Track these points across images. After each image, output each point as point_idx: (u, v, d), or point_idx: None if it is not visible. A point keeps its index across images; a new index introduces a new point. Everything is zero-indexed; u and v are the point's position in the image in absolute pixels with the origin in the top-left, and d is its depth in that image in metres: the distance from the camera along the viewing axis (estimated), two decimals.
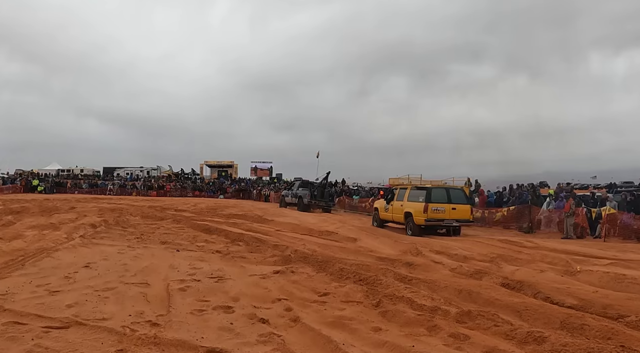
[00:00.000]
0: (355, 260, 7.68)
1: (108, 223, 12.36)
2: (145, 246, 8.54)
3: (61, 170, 54.30)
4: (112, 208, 17.97)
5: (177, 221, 13.58)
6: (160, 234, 10.38)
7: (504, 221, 17.25)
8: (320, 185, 23.93)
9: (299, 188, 24.33)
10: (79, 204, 20.30)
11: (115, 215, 14.86)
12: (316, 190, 23.26)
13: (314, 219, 15.86)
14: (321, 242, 9.90)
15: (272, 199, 37.24)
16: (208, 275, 5.83)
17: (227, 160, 59.37)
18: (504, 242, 10.57)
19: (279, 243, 9.34)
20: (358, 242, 10.22)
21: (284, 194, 26.57)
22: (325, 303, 4.80)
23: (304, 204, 22.53)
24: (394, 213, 14.50)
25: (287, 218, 15.15)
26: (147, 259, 7.06)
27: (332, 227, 13.04)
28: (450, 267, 7.52)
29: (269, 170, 59.68)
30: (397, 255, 8.55)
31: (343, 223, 14.63)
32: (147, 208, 19.74)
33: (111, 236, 9.79)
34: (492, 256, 8.69)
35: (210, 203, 26.35)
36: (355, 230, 12.56)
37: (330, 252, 8.59)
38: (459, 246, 9.62)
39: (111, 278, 5.51)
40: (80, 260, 6.63)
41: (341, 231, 11.98)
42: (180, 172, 54.77)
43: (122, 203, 23.47)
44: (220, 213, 17.93)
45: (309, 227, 12.79)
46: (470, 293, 5.56)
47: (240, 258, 7.48)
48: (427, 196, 13.12)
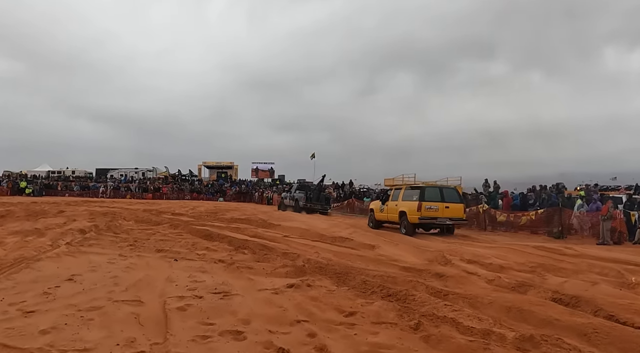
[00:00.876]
0: (378, 271, 7.07)
1: (98, 229, 11.81)
2: (139, 255, 7.96)
3: (51, 171, 54.08)
4: (104, 212, 17.46)
5: (175, 226, 13.01)
6: (156, 241, 9.80)
7: (531, 225, 16.60)
8: (316, 188, 25.07)
9: (297, 190, 25.35)
10: (69, 208, 19.81)
11: (107, 220, 14.33)
12: (312, 193, 24.13)
13: (324, 224, 15.25)
14: (336, 250, 9.30)
15: (275, 202, 37.06)
16: (211, 290, 5.24)
17: (227, 161, 59.16)
18: (540, 248, 9.93)
19: (289, 251, 8.75)
20: (377, 250, 9.61)
21: (283, 196, 27.41)
22: (354, 325, 4.19)
23: (299, 207, 23.33)
24: (389, 213, 15.33)
25: (294, 223, 14.55)
26: (141, 270, 6.48)
27: (345, 233, 12.43)
28: (487, 278, 6.91)
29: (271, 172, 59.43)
30: (424, 265, 7.94)
31: (356, 229, 14.02)
32: (141, 212, 19.23)
33: (101, 243, 9.22)
34: (531, 265, 8.06)
35: (210, 206, 25.83)
36: (372, 235, 11.96)
37: (348, 262, 7.99)
38: (491, 254, 9.00)
39: (98, 294, 4.93)
40: (64, 272, 6.05)
41: (356, 237, 11.38)
42: (178, 174, 54.49)
43: (115, 206, 22.99)
44: (221, 217, 17.37)
45: (319, 232, 12.19)
46: (521, 311, 4.95)
47: (247, 269, 6.88)
48: (421, 195, 13.94)
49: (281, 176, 57.76)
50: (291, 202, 24.83)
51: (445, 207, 13.94)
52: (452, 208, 14.07)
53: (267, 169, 60.36)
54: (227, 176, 57.55)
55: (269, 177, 58.04)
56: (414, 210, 13.80)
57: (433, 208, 13.80)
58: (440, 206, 13.90)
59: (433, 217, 13.84)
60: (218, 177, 57.40)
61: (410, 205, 14.06)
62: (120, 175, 53.12)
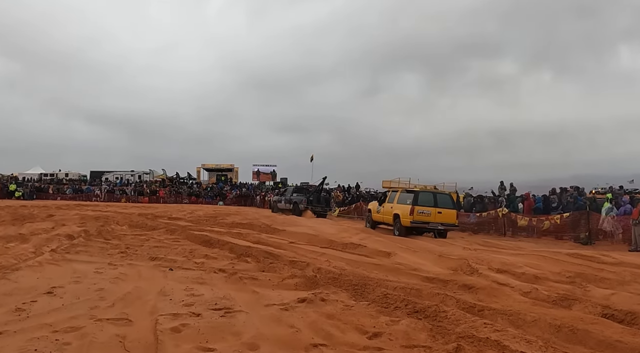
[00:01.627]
0: (399, 282, 6.54)
1: (88, 234, 11.32)
2: (130, 263, 7.45)
3: (44, 174, 53.84)
4: (96, 217, 16.99)
5: (171, 231, 12.51)
6: (150, 248, 9.30)
7: (554, 230, 16.02)
8: (316, 190, 25.71)
9: (293, 193, 25.70)
10: (59, 212, 19.36)
11: (98, 225, 13.86)
12: (312, 196, 24.66)
13: (331, 229, 14.73)
14: (348, 258, 8.76)
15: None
16: (211, 306, 4.71)
17: (227, 164, 58.80)
18: (574, 256, 9.36)
19: (297, 259, 8.23)
20: (393, 257, 9.07)
21: (275, 200, 27.93)
22: (382, 350, 3.65)
23: (299, 210, 23.68)
24: (384, 215, 16.24)
25: (300, 228, 14.03)
26: (132, 281, 5.96)
27: (355, 239, 11.91)
28: (522, 290, 6.36)
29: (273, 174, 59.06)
30: (449, 275, 7.40)
31: (367, 234, 13.50)
32: (136, 216, 18.76)
33: (90, 250, 8.72)
34: (568, 275, 7.51)
35: (209, 210, 25.36)
36: (386, 242, 11.42)
37: (364, 271, 7.46)
38: (521, 262, 8.43)
39: (79, 310, 4.41)
40: (43, 283, 5.54)
41: (368, 243, 10.84)
42: (175, 176, 54.11)
43: (109, 210, 22.55)
44: (221, 221, 16.87)
45: (328, 238, 11.67)
46: (573, 330, 4.40)
47: (251, 280, 6.35)
48: (415, 199, 14.75)
49: (283, 179, 57.38)
50: (287, 205, 25.12)
51: (437, 212, 14.64)
52: (444, 213, 14.76)
53: (269, 171, 60.00)
54: (227, 179, 57.16)
55: (270, 180, 57.63)
56: (406, 214, 14.59)
57: (425, 213, 14.55)
58: (432, 211, 14.61)
59: (425, 221, 14.52)
60: (218, 180, 57.04)
61: (403, 208, 14.89)
62: (116, 178, 52.78)
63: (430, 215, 14.54)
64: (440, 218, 14.64)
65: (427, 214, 14.52)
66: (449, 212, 14.91)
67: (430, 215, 14.54)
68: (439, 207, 14.75)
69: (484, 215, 18.68)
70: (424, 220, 14.47)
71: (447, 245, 11.91)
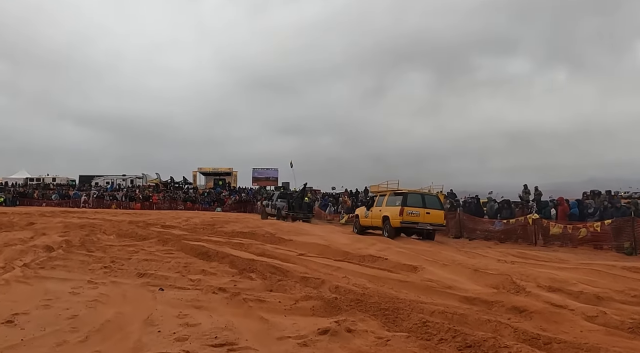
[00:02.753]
0: (436, 305, 5.77)
1: (70, 245, 10.63)
2: (114, 281, 6.72)
3: (30, 179, 53.48)
4: (81, 225, 16.32)
5: (164, 242, 11.78)
6: (139, 261, 8.55)
7: (593, 239, 15.18)
8: (298, 196, 27.45)
9: (277, 199, 27.43)
10: (42, 219, 18.72)
11: (82, 234, 13.17)
12: (294, 201, 26.31)
13: (344, 238, 13.96)
14: (369, 273, 8.00)
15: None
16: (210, 340, 3.95)
17: (225, 167, 58.28)
18: (632, 270, 8.56)
19: (309, 275, 7.47)
20: (421, 272, 8.29)
21: (264, 204, 29.48)
22: None
23: (281, 215, 25.46)
24: (373, 218, 17.21)
25: (309, 238, 13.27)
26: (113, 305, 5.22)
27: (373, 250, 11.14)
28: (586, 314, 5.56)
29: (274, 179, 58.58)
30: (491, 294, 6.61)
31: (384, 244, 12.71)
32: (126, 224, 18.09)
33: (69, 264, 7.98)
34: (634, 294, 6.70)
35: (206, 217, 24.65)
36: (409, 253, 10.63)
37: (390, 290, 6.69)
38: (573, 278, 7.63)
39: (41, 348, 3.66)
40: (4, 308, 4.81)
41: (389, 255, 10.07)
42: (170, 181, 53.67)
43: (97, 217, 21.91)
44: (220, 230, 16.13)
45: (342, 249, 10.90)
46: None
47: (258, 302, 5.58)
48: (404, 200, 15.88)
49: (285, 183, 56.87)
50: (273, 210, 26.85)
51: (426, 213, 15.82)
52: (433, 214, 15.98)
53: (271, 176, 59.58)
54: (225, 183, 56.62)
55: (272, 185, 57.10)
56: (396, 215, 15.67)
57: (414, 214, 15.68)
58: (421, 212, 15.76)
59: (414, 221, 15.64)
60: (215, 184, 56.55)
61: (393, 210, 15.97)
62: (106, 183, 52.40)
63: (419, 215, 15.69)
64: (428, 219, 15.82)
65: (416, 215, 15.67)
66: (437, 213, 16.17)
67: (419, 215, 15.69)
68: (428, 208, 15.94)
69: (511, 222, 17.86)
70: (413, 220, 15.60)
71: (478, 257, 11.11)
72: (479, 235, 18.73)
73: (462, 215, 19.80)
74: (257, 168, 59.51)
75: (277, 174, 58.93)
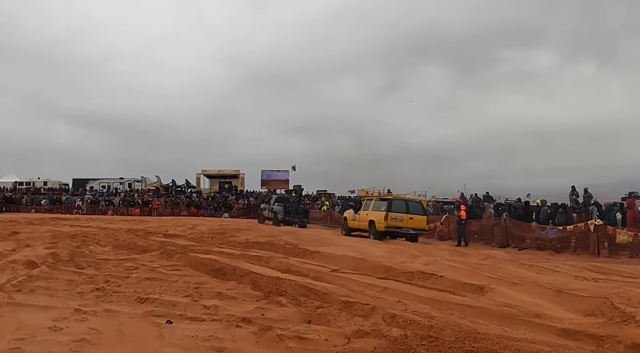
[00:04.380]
0: (532, 342, 4.75)
1: (57, 260, 9.66)
2: (108, 309, 5.71)
3: (19, 182, 53.25)
4: (72, 234, 15.35)
5: (168, 254, 10.79)
6: (139, 281, 7.55)
7: None
8: (294, 200, 29.85)
9: (275, 203, 29.02)
10: (28, 228, 17.85)
11: (73, 245, 12.24)
12: (290, 206, 28.09)
13: (378, 249, 12.88)
14: (426, 295, 6.92)
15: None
16: None
17: (231, 169, 57.69)
18: None
19: (354, 300, 6.41)
20: (490, 293, 7.19)
21: (262, 208, 31.54)
22: None
23: (278, 220, 27.11)
24: (360, 221, 19.85)
25: (338, 249, 12.24)
26: (106, 347, 4.21)
27: (419, 264, 10.09)
28: None
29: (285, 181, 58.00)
30: (595, 325, 5.51)
31: (430, 257, 11.66)
32: (124, 232, 17.16)
33: (52, 286, 7.00)
34: None
35: (213, 224, 23.70)
36: (465, 269, 9.52)
37: (464, 320, 5.60)
38: None
39: None
40: None
41: (442, 270, 8.97)
42: (171, 185, 53.14)
43: (91, 225, 21.03)
44: (232, 240, 15.13)
45: (382, 263, 9.83)
46: None
47: (298, 341, 4.55)
48: (389, 206, 18.35)
49: (297, 186, 56.21)
50: (270, 214, 28.55)
51: (409, 218, 18.23)
52: (415, 219, 18.40)
53: (282, 178, 59.06)
54: (231, 187, 55.97)
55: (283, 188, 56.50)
56: (381, 219, 18.12)
57: (398, 219, 18.08)
58: (405, 217, 18.18)
59: (398, 226, 18.09)
60: (221, 188, 56.02)
61: (378, 214, 18.42)
62: (102, 187, 52.05)
63: (402, 220, 18.12)
64: (411, 224, 18.27)
65: (400, 220, 18.11)
66: (420, 218, 18.68)
67: (403, 220, 18.12)
68: (411, 213, 18.38)
69: (568, 229, 16.69)
70: (397, 225, 18.07)
71: (547, 272, 9.97)
72: (528, 244, 17.64)
73: (508, 221, 18.66)
74: (265, 170, 59.06)
75: (288, 176, 58.41)
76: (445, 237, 21.76)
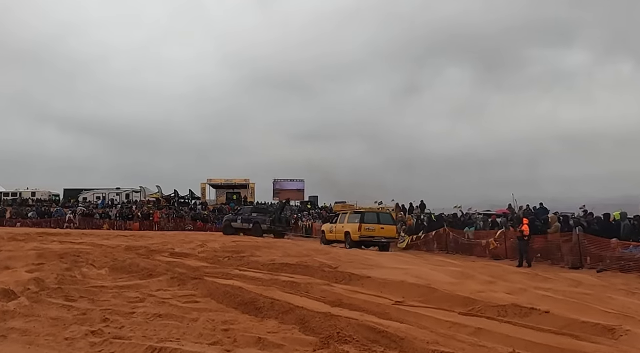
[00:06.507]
0: None
1: (42, 287, 8.54)
2: None
3: (4, 193, 52.69)
4: (62, 253, 14.39)
5: (180, 280, 9.56)
6: (147, 319, 6.31)
7: None
8: (277, 210, 33.42)
9: (253, 213, 31.90)
10: (10, 245, 16.91)
11: (62, 268, 11.23)
12: (275, 216, 31.07)
13: (439, 271, 11.49)
14: (542, 341, 5.60)
15: (315, 232, 34.97)
16: None
17: (239, 178, 56.73)
18: None
19: (447, 349, 5.13)
20: (628, 339, 5.80)
21: (230, 219, 32.95)
22: None
23: (262, 230, 29.64)
24: (336, 233, 23.47)
25: (388, 272, 10.92)
26: None
27: (502, 292, 8.78)
28: None
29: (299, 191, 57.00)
30: None
31: (513, 283, 10.32)
32: (122, 251, 16.15)
33: (32, 328, 5.78)
34: None
35: (226, 240, 22.52)
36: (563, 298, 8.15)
37: None
38: None
39: None
40: None
41: (536, 301, 7.63)
42: (173, 195, 52.14)
43: (84, 242, 20.09)
44: (253, 260, 13.85)
45: (456, 293, 8.48)
46: None
47: None
48: (362, 218, 22.11)
49: (313, 198, 55.10)
50: (245, 225, 30.47)
51: (380, 228, 21.98)
52: (386, 229, 22.25)
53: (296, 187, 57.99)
54: (240, 198, 54.93)
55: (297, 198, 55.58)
56: (355, 230, 21.68)
57: (371, 229, 21.68)
58: (376, 227, 21.87)
59: (371, 235, 21.72)
60: (228, 199, 54.91)
61: (353, 226, 22.01)
62: (97, 198, 51.31)
63: (374, 230, 21.76)
64: (383, 233, 21.97)
65: (372, 230, 21.71)
66: (390, 227, 22.71)
67: (375, 230, 21.77)
68: (382, 224, 22.20)
69: None
70: (370, 235, 21.68)
71: None
72: (608, 264, 16.13)
73: (583, 237, 17.14)
74: (278, 179, 58.01)
75: (303, 185, 57.34)
76: (500, 255, 20.34)
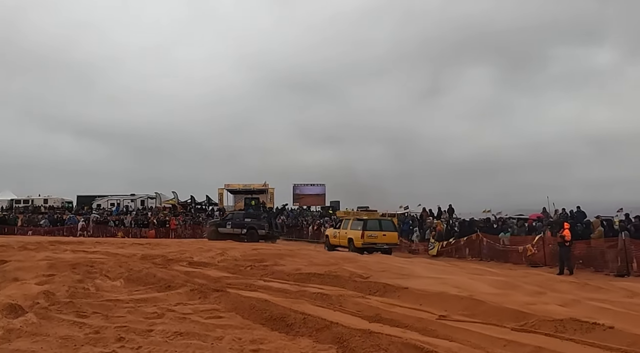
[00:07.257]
0: None
1: (52, 301, 8.15)
2: None
3: (16, 200, 53.08)
4: (74, 263, 14.05)
5: (201, 292, 9.15)
6: (167, 337, 5.89)
7: None
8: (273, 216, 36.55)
9: (245, 218, 32.95)
10: (21, 254, 16.65)
11: (75, 279, 10.89)
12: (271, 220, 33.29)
13: (480, 281, 10.93)
14: None
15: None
16: None
17: (258, 184, 56.53)
18: None
19: None
20: None
21: (218, 223, 33.79)
22: None
23: (258, 235, 30.65)
24: (340, 239, 25.25)
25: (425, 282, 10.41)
26: None
27: (554, 305, 8.22)
28: None
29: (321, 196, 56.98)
30: None
31: (564, 294, 9.77)
32: (138, 260, 15.85)
33: (39, 349, 5.37)
34: None
35: (246, 248, 22.11)
36: (630, 313, 7.60)
37: None
38: None
39: None
40: None
41: (602, 317, 7.07)
42: (190, 201, 52.16)
43: (97, 250, 19.85)
44: (277, 270, 13.42)
45: (505, 305, 7.95)
46: None
47: None
48: (364, 225, 23.92)
49: (335, 203, 54.76)
50: (236, 230, 31.45)
51: (382, 235, 23.74)
52: (388, 235, 23.98)
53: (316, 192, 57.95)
54: (258, 203, 54.68)
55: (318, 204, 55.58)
56: (358, 237, 23.42)
57: (373, 236, 23.45)
58: (379, 234, 23.68)
59: (373, 242, 23.41)
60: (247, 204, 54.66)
61: (356, 233, 23.77)
62: (111, 205, 51.47)
63: (377, 237, 23.55)
64: (385, 240, 23.81)
65: (375, 237, 23.49)
66: (392, 234, 24.45)
67: (377, 237, 23.57)
68: (384, 230, 24.01)
69: None
70: (372, 241, 23.41)
71: None
72: None
73: (630, 243, 16.54)
74: (298, 184, 57.99)
75: (325, 190, 57.25)
76: (539, 262, 19.80)
